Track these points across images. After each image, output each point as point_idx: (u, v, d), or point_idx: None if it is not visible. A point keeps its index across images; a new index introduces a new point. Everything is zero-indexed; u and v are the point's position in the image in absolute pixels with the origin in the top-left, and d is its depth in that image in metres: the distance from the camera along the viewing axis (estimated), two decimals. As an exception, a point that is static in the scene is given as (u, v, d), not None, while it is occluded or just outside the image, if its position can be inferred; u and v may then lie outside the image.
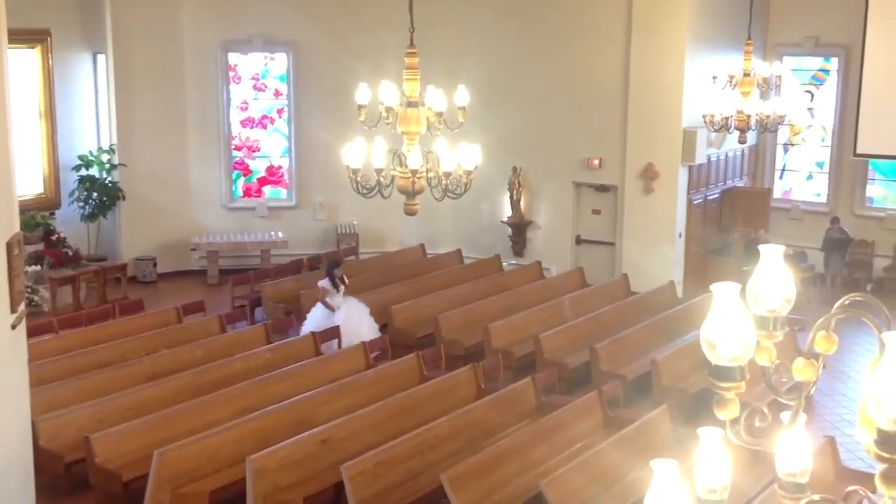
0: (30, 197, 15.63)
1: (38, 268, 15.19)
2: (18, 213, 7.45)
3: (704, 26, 15.86)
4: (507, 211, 17.51)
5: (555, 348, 12.36)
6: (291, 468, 8.65)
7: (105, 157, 17.30)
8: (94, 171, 17.15)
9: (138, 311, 13.84)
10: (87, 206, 16.92)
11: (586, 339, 12.62)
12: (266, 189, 18.72)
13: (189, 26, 17.57)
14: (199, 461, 8.85)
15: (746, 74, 13.10)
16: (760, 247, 2.46)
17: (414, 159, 8.13)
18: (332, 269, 13.20)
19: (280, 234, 17.90)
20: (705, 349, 2.36)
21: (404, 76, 8.45)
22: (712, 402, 2.42)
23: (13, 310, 7.07)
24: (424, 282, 15.47)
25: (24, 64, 16.03)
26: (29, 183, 15.75)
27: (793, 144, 18.53)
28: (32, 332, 10.29)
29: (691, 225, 16.41)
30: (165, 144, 17.60)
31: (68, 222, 16.71)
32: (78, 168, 17.01)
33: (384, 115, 8.38)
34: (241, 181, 18.60)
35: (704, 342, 2.35)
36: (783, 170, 18.65)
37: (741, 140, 13.85)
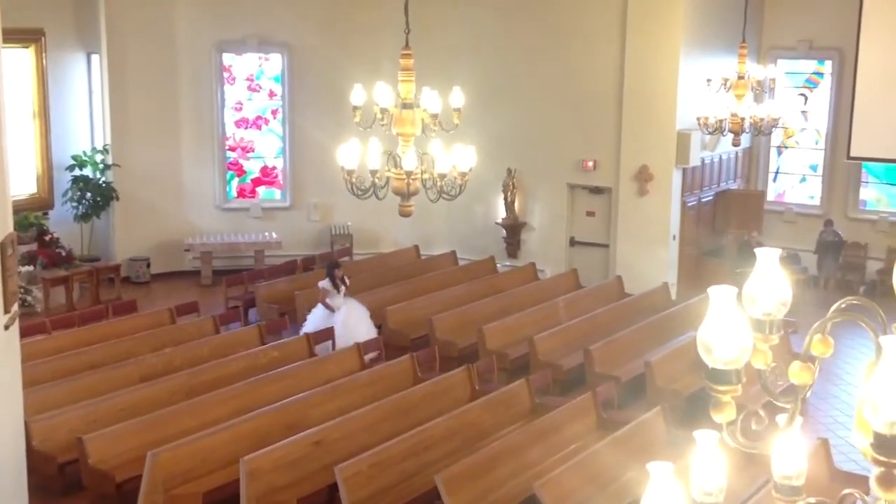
0: (23, 197, 15.59)
1: (31, 268, 15.16)
2: (12, 213, 7.43)
3: (699, 29, 15.89)
4: (502, 212, 17.51)
5: (549, 350, 12.37)
6: (285, 469, 8.64)
7: (99, 158, 17.26)
8: (87, 172, 17.11)
9: (132, 312, 13.82)
10: (80, 207, 16.88)
11: (580, 340, 12.63)
12: (260, 190, 18.70)
13: (183, 27, 17.55)
14: (192, 462, 8.84)
15: (741, 77, 13.13)
16: (757, 250, 2.47)
17: (409, 161, 8.14)
18: (333, 269, 13.17)
19: (274, 234, 17.89)
20: (702, 352, 2.36)
21: (399, 77, 8.47)
22: (708, 404, 2.42)
23: (6, 310, 7.05)
24: (419, 283, 15.47)
25: (18, 63, 16.00)
26: (22, 183, 15.72)
27: (786, 147, 18.57)
28: (25, 332, 10.26)
29: (685, 227, 16.43)
30: (159, 145, 17.57)
31: (62, 222, 16.67)
32: (71, 168, 16.97)
33: (379, 116, 8.39)
34: (235, 182, 18.58)
35: (701, 345, 2.36)
36: (777, 172, 18.68)
37: (735, 143, 13.89)
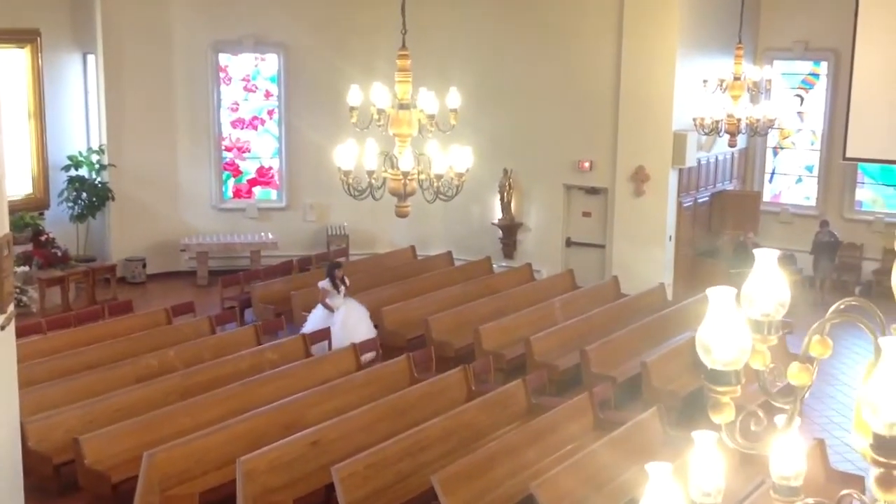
0: (19, 197, 15.55)
1: (26, 268, 15.14)
2: (8, 213, 7.42)
3: (695, 30, 15.90)
4: (498, 213, 17.51)
5: (545, 350, 12.37)
6: (282, 470, 8.63)
7: (94, 158, 17.23)
8: (83, 172, 17.08)
9: (127, 312, 13.81)
10: (76, 207, 16.86)
11: (577, 341, 12.63)
12: (256, 190, 18.69)
13: (179, 27, 17.53)
14: (188, 463, 8.83)
15: (737, 78, 13.14)
16: (755, 251, 2.47)
17: (406, 161, 8.15)
18: (333, 269, 13.15)
19: (270, 235, 17.87)
20: (701, 353, 2.36)
21: (396, 78, 8.47)
22: (704, 405, 2.42)
23: (2, 311, 7.03)
24: (415, 284, 15.46)
25: (13, 64, 15.99)
26: (18, 183, 15.68)
27: (782, 148, 18.59)
28: (21, 332, 10.23)
29: (681, 228, 16.44)
30: (155, 145, 17.55)
31: (57, 223, 16.63)
32: (67, 168, 16.94)
33: (376, 116, 8.39)
34: (231, 182, 18.56)
35: (700, 346, 2.36)
36: (773, 173, 18.70)
37: (731, 143, 13.89)
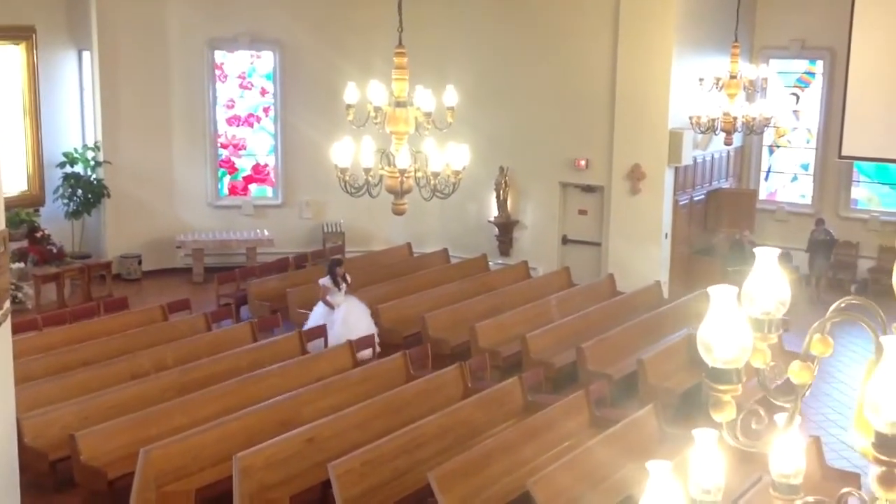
0: (14, 194, 15.53)
1: (22, 265, 15.10)
2: (3, 209, 7.40)
3: (691, 28, 15.91)
4: (494, 210, 17.51)
5: (541, 348, 12.38)
6: (278, 466, 8.63)
7: (90, 155, 17.21)
8: (78, 169, 17.06)
9: (123, 309, 13.79)
10: (71, 204, 16.83)
11: (573, 338, 12.63)
12: (252, 187, 18.67)
13: (175, 24, 17.50)
14: (185, 459, 8.82)
15: (733, 76, 13.14)
16: (756, 249, 2.47)
17: (402, 159, 8.14)
18: (334, 267, 13.13)
19: (266, 232, 17.85)
20: (702, 352, 2.36)
21: (393, 76, 8.45)
22: (699, 402, 2.43)
23: (-2, 307, 7.02)
24: (411, 281, 15.46)
25: (8, 61, 15.96)
26: (13, 180, 15.67)
27: (778, 146, 18.61)
28: (16, 329, 10.18)
29: (677, 225, 16.45)
30: (151, 142, 17.52)
31: (53, 219, 16.61)
32: (63, 165, 16.91)
33: (373, 114, 8.38)
34: (226, 179, 18.54)
35: (701, 345, 2.36)
36: (769, 171, 18.73)
37: (727, 142, 13.90)
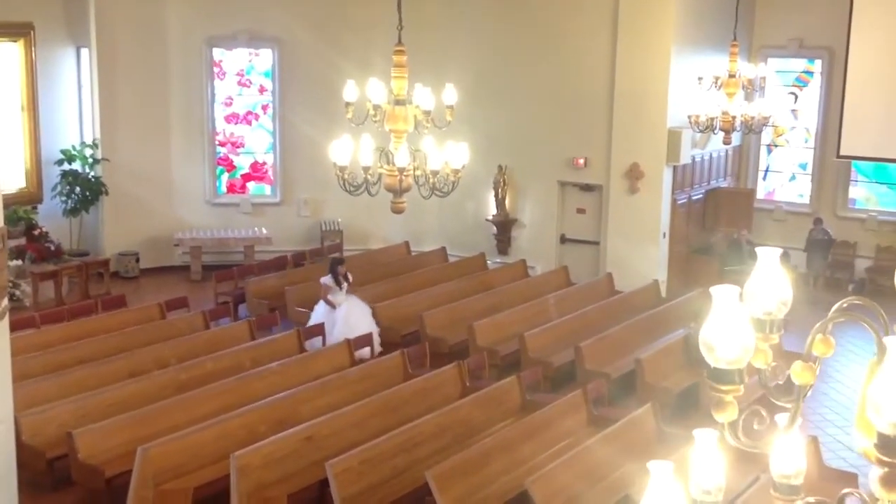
0: (12, 191, 15.52)
1: (19, 262, 15.08)
2: (1, 207, 7.40)
3: (690, 28, 15.91)
4: (492, 209, 17.51)
5: (539, 347, 12.38)
6: (276, 465, 8.63)
7: (88, 152, 17.18)
8: (76, 166, 17.02)
9: (121, 307, 13.77)
10: (69, 201, 16.80)
11: (571, 337, 12.63)
12: (250, 185, 18.65)
13: (174, 21, 17.48)
14: (183, 457, 8.82)
15: (731, 76, 13.15)
16: (757, 249, 2.47)
17: (401, 157, 8.14)
18: (336, 266, 13.11)
19: (264, 230, 17.84)
20: (704, 352, 2.36)
21: (392, 74, 8.45)
22: (697, 401, 2.42)
23: (-4, 305, 7.02)
24: (409, 279, 15.45)
25: (7, 57, 15.94)
26: (11, 177, 15.65)
27: (776, 145, 18.63)
28: (14, 326, 10.17)
29: (675, 224, 16.46)
30: (149, 139, 17.50)
31: (50, 217, 16.57)
32: (60, 162, 16.87)
33: (372, 112, 8.38)
34: (225, 177, 18.52)
35: (703, 345, 2.36)
36: (767, 171, 18.74)
37: (726, 141, 13.91)
